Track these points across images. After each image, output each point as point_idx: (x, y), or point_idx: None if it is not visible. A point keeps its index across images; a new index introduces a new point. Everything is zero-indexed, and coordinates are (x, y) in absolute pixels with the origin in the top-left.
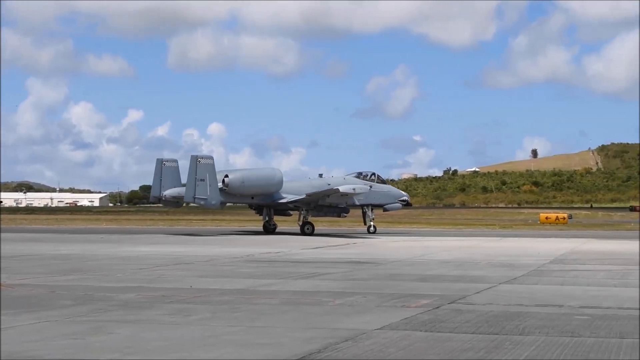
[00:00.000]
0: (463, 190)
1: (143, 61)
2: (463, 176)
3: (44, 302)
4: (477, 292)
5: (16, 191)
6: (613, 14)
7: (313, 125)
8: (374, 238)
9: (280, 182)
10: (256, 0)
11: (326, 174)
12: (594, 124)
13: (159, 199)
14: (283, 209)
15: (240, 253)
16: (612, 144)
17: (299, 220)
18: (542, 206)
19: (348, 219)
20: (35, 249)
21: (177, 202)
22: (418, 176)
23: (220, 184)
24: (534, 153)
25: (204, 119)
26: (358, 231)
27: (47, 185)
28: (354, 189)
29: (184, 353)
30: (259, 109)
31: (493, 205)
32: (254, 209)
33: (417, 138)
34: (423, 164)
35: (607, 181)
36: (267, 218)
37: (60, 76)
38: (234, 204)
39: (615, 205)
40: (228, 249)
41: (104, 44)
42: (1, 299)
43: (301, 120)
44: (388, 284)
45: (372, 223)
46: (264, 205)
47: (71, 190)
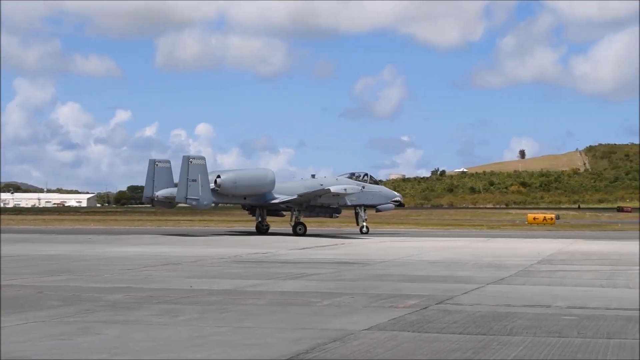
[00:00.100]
0: (451, 190)
1: (131, 61)
2: (451, 177)
3: (32, 303)
4: (465, 293)
5: (3, 192)
6: (601, 15)
7: (301, 125)
8: (362, 239)
9: (272, 183)
10: (244, 0)
11: (314, 175)
12: (582, 125)
13: (152, 200)
14: (275, 210)
15: (227, 254)
16: (600, 145)
17: (291, 220)
18: (530, 207)
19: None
20: (22, 250)
21: (170, 203)
22: (406, 177)
23: (212, 185)
24: (522, 154)
25: (192, 119)
26: (351, 232)
27: (35, 185)
28: (345, 190)
29: (172, 354)
30: (247, 109)
31: (481, 205)
32: (247, 210)
33: (405, 138)
34: (411, 165)
35: (595, 182)
36: (260, 219)
37: (47, 76)
38: (226, 205)
39: (602, 205)
40: (216, 250)
41: (92, 44)
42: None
43: (289, 120)
44: (376, 285)
45: (365, 224)
46: (257, 205)
47: (59, 190)
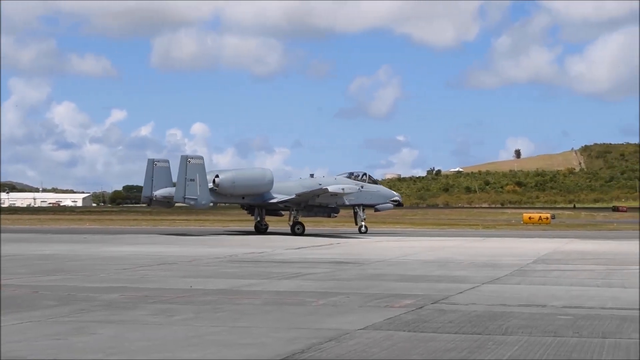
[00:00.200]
0: (446, 190)
1: (126, 61)
2: (446, 176)
3: (27, 303)
4: (460, 292)
5: None
6: (596, 15)
7: (297, 125)
8: (358, 238)
9: (270, 182)
10: (239, 0)
11: (309, 174)
12: (577, 125)
13: (150, 199)
14: (274, 209)
15: (223, 253)
16: (595, 145)
17: (290, 220)
18: (526, 206)
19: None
20: (18, 249)
21: (168, 202)
22: (401, 176)
23: (210, 184)
24: (517, 153)
25: (188, 119)
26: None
27: (30, 185)
28: (343, 189)
29: (167, 353)
30: (243, 109)
31: (476, 205)
32: (246, 209)
33: (401, 138)
34: (406, 164)
35: (590, 181)
36: (259, 218)
37: (43, 76)
38: (224, 204)
39: (598, 205)
40: (211, 249)
41: (87, 44)
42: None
43: (285, 120)
44: (371, 284)
45: (364, 223)
46: (255, 205)
47: (54, 190)
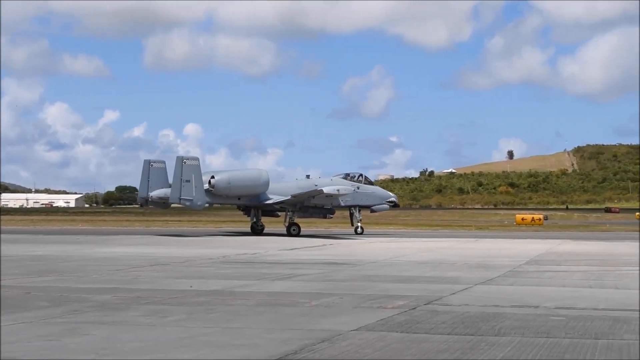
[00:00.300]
0: (439, 191)
1: (119, 61)
2: (439, 177)
3: (20, 304)
4: (453, 293)
5: None
6: (588, 16)
7: (289, 125)
8: (351, 239)
9: (266, 183)
10: (232, 0)
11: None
12: (570, 126)
13: (146, 200)
14: (270, 210)
15: (216, 254)
16: (588, 146)
17: (285, 221)
18: (518, 207)
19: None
20: (10, 250)
21: (164, 203)
22: (394, 177)
23: (206, 185)
24: (510, 154)
25: (180, 120)
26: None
27: (23, 186)
28: (338, 190)
29: (160, 354)
30: (236, 110)
31: (469, 206)
32: (242, 210)
33: (394, 139)
34: (399, 165)
35: (583, 182)
36: (255, 219)
37: (35, 76)
38: (219, 205)
39: (590, 206)
40: (204, 250)
41: (80, 44)
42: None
43: (277, 120)
44: (364, 285)
45: (360, 224)
46: (251, 206)
47: (47, 191)
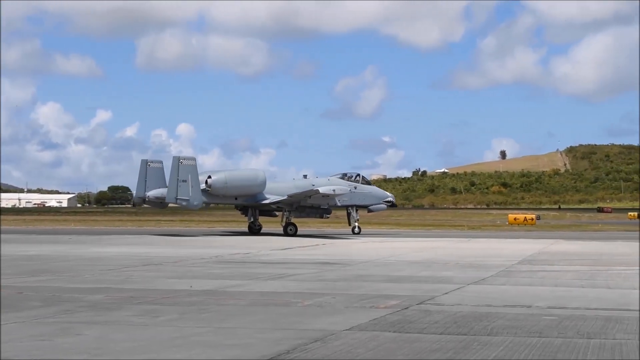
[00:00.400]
0: (432, 191)
1: (112, 61)
2: (432, 177)
3: (12, 304)
4: (446, 293)
5: None
6: (581, 15)
7: (282, 125)
8: (344, 239)
9: (263, 183)
10: (224, 0)
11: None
12: (562, 126)
13: (144, 200)
14: (267, 210)
15: (209, 254)
16: (580, 146)
17: (282, 221)
18: (511, 207)
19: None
20: (3, 250)
21: (161, 203)
22: (387, 177)
23: (203, 185)
24: (503, 154)
25: (173, 120)
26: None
27: (15, 186)
28: (334, 190)
29: (152, 354)
30: (228, 110)
31: (462, 206)
32: (240, 210)
33: (386, 139)
34: (392, 165)
35: (575, 182)
36: (252, 219)
37: (27, 76)
38: (217, 205)
39: (583, 206)
40: (197, 250)
41: (72, 44)
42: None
43: (270, 120)
44: (357, 285)
45: (357, 224)
46: (248, 206)
47: (39, 190)
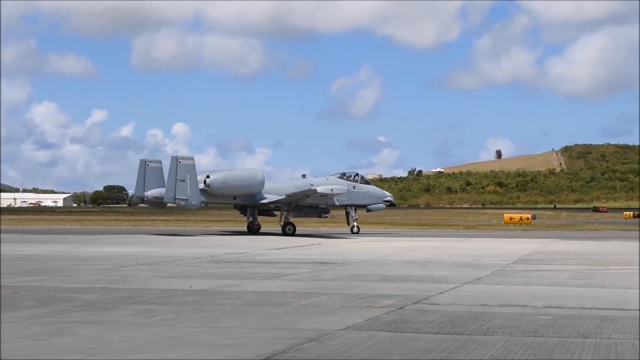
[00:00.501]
0: (428, 190)
1: (107, 61)
2: (428, 177)
3: (7, 303)
4: (441, 293)
5: None
6: (576, 16)
7: (278, 125)
8: (340, 239)
9: (261, 183)
10: (220, 0)
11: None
12: (557, 125)
13: (142, 199)
14: (266, 210)
15: (204, 254)
16: (576, 145)
17: (280, 220)
18: (506, 207)
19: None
20: None
21: (160, 203)
22: (383, 177)
23: (201, 185)
24: (498, 154)
25: (169, 119)
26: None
27: (10, 185)
28: (332, 190)
29: (148, 354)
30: (224, 110)
31: (457, 205)
32: (239, 210)
33: (382, 138)
34: (388, 165)
35: (571, 182)
36: (251, 218)
37: (23, 76)
38: (215, 205)
39: (578, 205)
40: (193, 250)
41: (68, 44)
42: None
43: (266, 120)
44: (352, 285)
45: (356, 223)
46: (247, 205)
47: (35, 190)
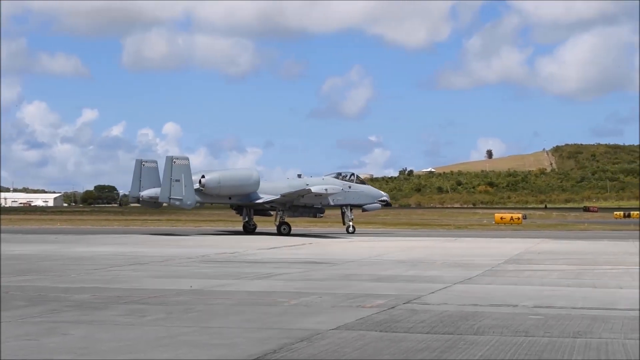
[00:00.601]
0: (419, 190)
1: (98, 60)
2: (419, 176)
3: None
4: (432, 292)
5: None
6: (566, 16)
7: (269, 125)
8: (332, 238)
9: (256, 183)
10: (211, 0)
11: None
12: (548, 125)
13: (138, 200)
14: (261, 209)
15: (195, 253)
16: (566, 145)
17: (276, 220)
18: (497, 206)
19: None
20: None
21: (155, 203)
22: (374, 176)
23: (196, 185)
24: (489, 154)
25: (159, 119)
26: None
27: (1, 185)
28: (326, 190)
29: (139, 354)
30: (215, 109)
31: (448, 205)
32: (235, 209)
33: (373, 138)
34: (379, 165)
35: (561, 182)
36: (247, 218)
37: (13, 75)
38: (211, 204)
39: (569, 205)
40: (183, 250)
41: (58, 43)
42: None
43: (257, 120)
44: (344, 284)
45: (351, 223)
46: (243, 205)
47: (25, 190)
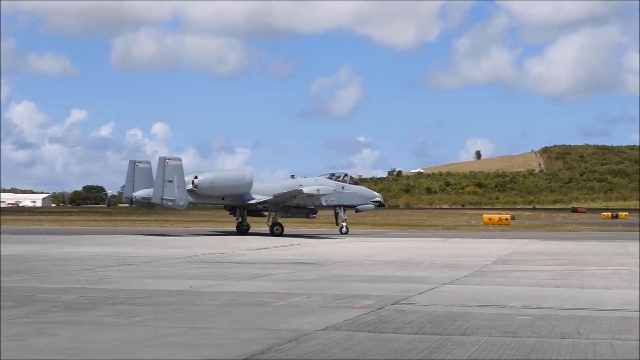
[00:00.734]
0: (407, 191)
1: (86, 60)
2: (407, 177)
3: None
4: (420, 293)
5: None
6: (555, 16)
7: (257, 125)
8: (320, 239)
9: (249, 183)
10: (200, 0)
11: (293, 175)
12: (537, 126)
13: (131, 200)
14: (254, 210)
15: (183, 254)
16: (555, 146)
17: (269, 221)
18: (486, 207)
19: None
20: None
21: (148, 203)
22: (362, 177)
23: (189, 185)
24: (478, 154)
25: (148, 119)
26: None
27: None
28: (318, 190)
29: (127, 354)
30: (203, 109)
31: (437, 206)
32: (228, 210)
33: (362, 139)
34: (367, 165)
35: (550, 182)
36: (240, 219)
37: (1, 75)
38: (203, 205)
39: (557, 206)
40: (172, 250)
41: (47, 43)
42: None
43: (245, 120)
44: (332, 285)
45: (345, 224)
46: (236, 206)
47: (13, 190)
